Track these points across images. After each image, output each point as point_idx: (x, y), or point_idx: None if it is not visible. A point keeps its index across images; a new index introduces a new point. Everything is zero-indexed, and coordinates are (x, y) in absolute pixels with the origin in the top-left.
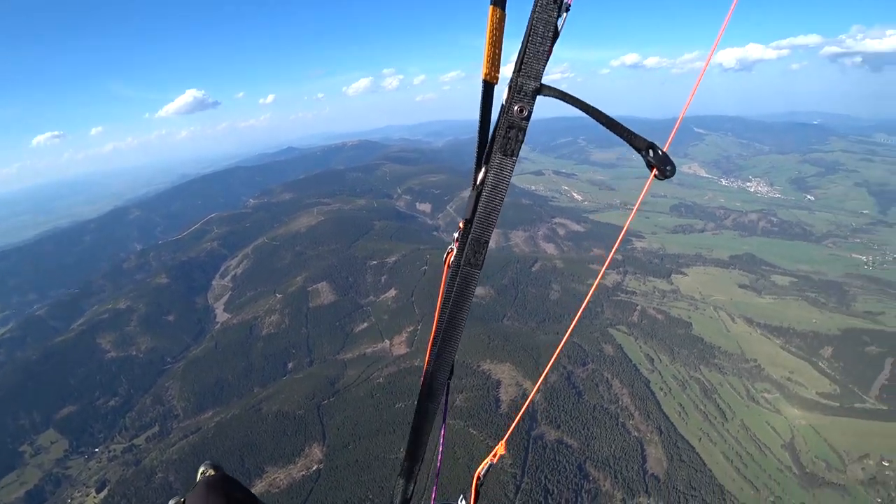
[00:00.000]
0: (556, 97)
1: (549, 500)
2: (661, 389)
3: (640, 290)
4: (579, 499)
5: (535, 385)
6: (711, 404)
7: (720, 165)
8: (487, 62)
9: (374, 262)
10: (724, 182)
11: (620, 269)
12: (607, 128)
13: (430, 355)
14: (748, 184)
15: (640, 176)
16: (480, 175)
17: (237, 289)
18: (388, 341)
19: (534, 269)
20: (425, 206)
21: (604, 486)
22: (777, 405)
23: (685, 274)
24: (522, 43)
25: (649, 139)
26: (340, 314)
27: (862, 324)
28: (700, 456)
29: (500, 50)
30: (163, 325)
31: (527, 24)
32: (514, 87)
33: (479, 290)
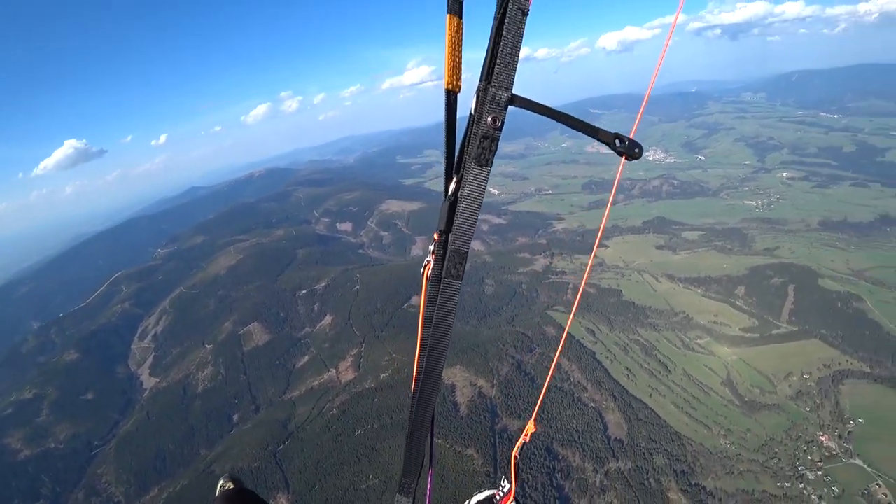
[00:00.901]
0: (527, 108)
1: (526, 488)
2: (607, 358)
3: (568, 268)
4: (553, 479)
5: (489, 382)
6: (654, 361)
7: None
8: (449, 71)
9: (304, 292)
10: None
11: (546, 252)
12: (576, 129)
13: (417, 371)
14: (647, 153)
15: (550, 161)
16: (452, 185)
17: (161, 348)
18: (333, 370)
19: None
20: (346, 226)
21: (574, 461)
22: (709, 348)
23: (607, 246)
24: (489, 52)
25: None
26: (278, 352)
27: (763, 260)
28: (654, 411)
29: (461, 58)
30: (81, 406)
31: (491, 33)
32: (484, 98)
33: (415, 301)
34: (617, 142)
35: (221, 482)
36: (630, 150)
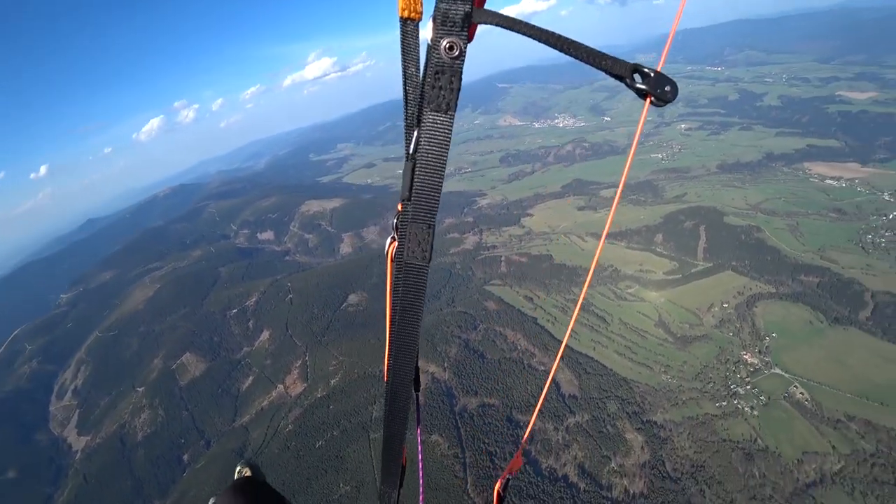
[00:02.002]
0: (496, 23)
1: (495, 461)
2: (549, 321)
3: (498, 242)
4: (519, 446)
5: (440, 366)
6: (592, 316)
7: (529, 111)
8: None
9: (235, 311)
10: (536, 125)
11: (475, 229)
12: (571, 55)
13: (388, 365)
14: (556, 121)
15: (465, 140)
16: (413, 141)
17: (85, 403)
18: (281, 386)
19: None
20: (268, 235)
21: (535, 424)
22: (640, 295)
23: (531, 214)
24: None
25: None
26: (219, 379)
27: (674, 207)
28: (600, 362)
29: None
30: (4, 488)
31: None
32: (437, 18)
33: (353, 299)
34: (637, 76)
35: (238, 468)
36: (657, 86)
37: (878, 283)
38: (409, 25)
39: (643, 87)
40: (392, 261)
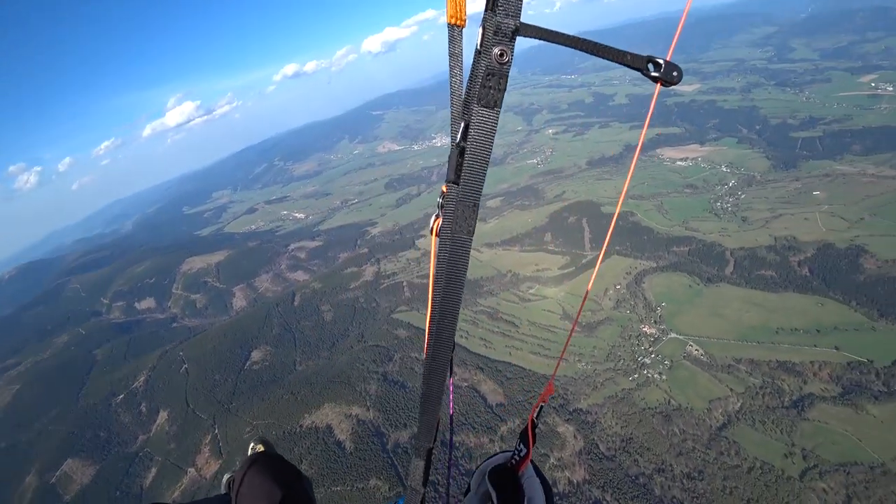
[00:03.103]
0: (538, 37)
1: (438, 488)
2: (462, 337)
3: (397, 268)
4: (460, 467)
5: (363, 406)
6: (502, 323)
7: (406, 135)
8: (451, 3)
9: (121, 397)
10: (416, 147)
11: (372, 259)
12: (601, 56)
13: (429, 333)
14: (434, 141)
15: (346, 171)
16: (460, 131)
17: None
18: (192, 469)
19: (296, 303)
20: (148, 303)
21: (470, 442)
22: (541, 293)
23: (425, 235)
24: None
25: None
26: (115, 481)
27: (557, 206)
28: (518, 365)
29: None
30: None
31: None
32: (490, 28)
33: (256, 356)
34: (650, 66)
35: (252, 444)
36: (667, 73)
37: (732, 242)
38: (455, 31)
39: (656, 74)
40: (437, 235)
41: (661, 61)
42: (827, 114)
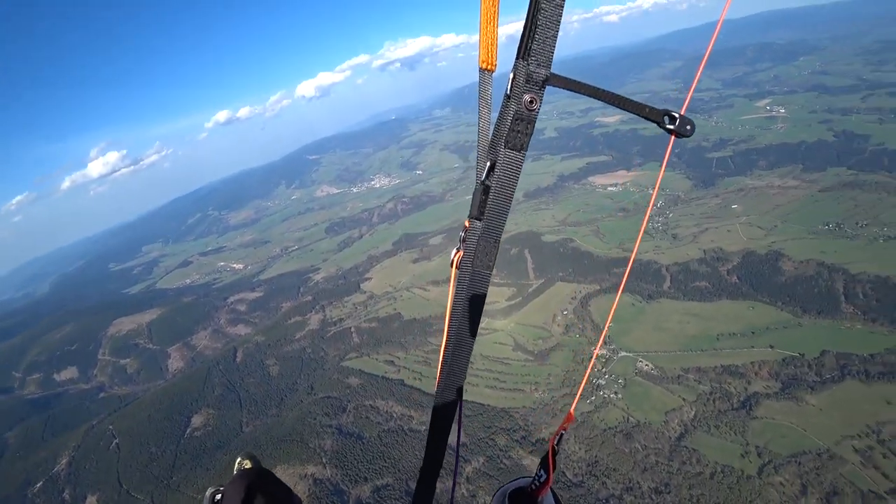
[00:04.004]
0: (566, 87)
1: None
2: (416, 379)
3: (343, 314)
4: None
5: (318, 465)
6: None
7: (344, 178)
8: (484, 49)
9: (40, 484)
10: (355, 190)
11: (316, 307)
12: (623, 109)
13: (442, 363)
14: (373, 182)
15: (285, 217)
16: (486, 170)
17: None
18: None
19: (238, 359)
20: (69, 373)
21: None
22: (492, 326)
23: (370, 278)
24: (526, 27)
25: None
26: None
27: None
28: (476, 402)
29: (496, 33)
30: None
31: (530, 5)
32: (521, 76)
33: (198, 421)
34: (666, 119)
35: (239, 459)
36: (682, 127)
37: (666, 258)
38: (485, 75)
39: (671, 127)
40: (457, 267)
41: (676, 115)
42: (734, 135)
